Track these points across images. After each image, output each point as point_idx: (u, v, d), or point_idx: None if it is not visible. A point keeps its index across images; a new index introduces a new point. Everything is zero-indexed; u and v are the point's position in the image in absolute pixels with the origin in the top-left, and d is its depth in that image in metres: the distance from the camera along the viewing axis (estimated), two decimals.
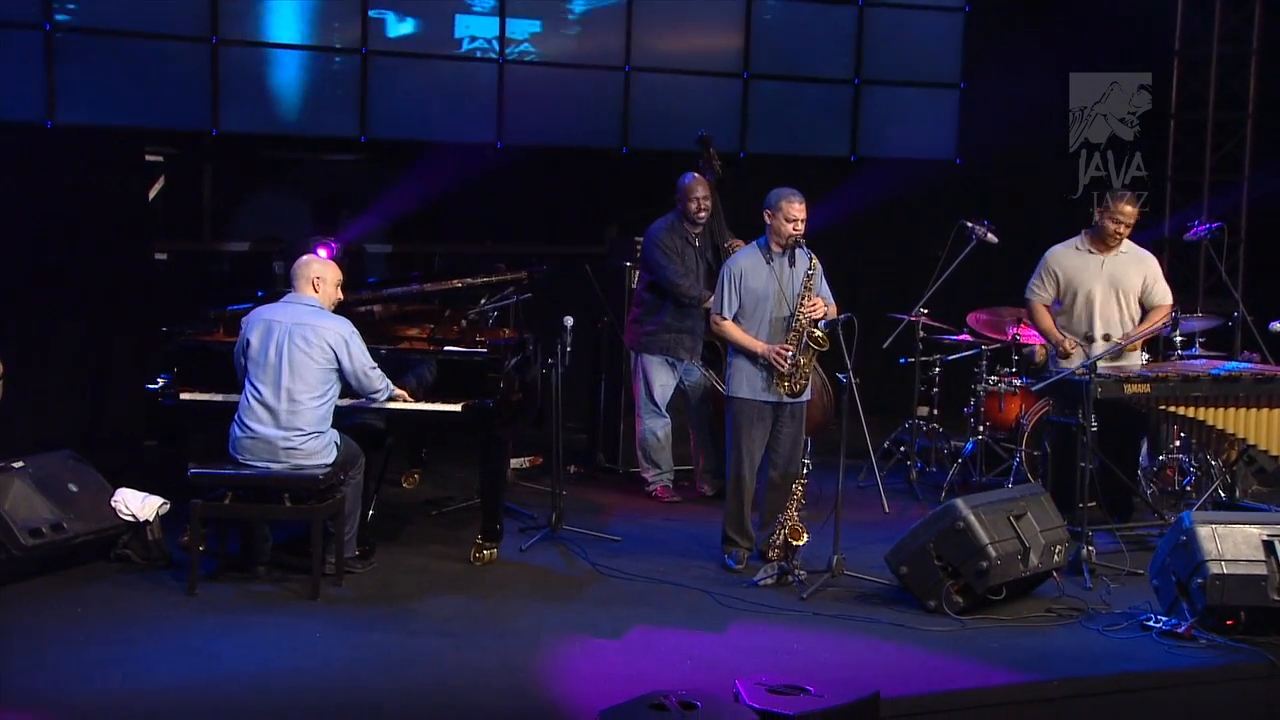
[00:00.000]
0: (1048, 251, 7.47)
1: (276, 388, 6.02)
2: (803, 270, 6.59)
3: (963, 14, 10.76)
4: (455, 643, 5.55)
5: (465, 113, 9.67)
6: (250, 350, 6.07)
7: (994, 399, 8.47)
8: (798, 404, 6.64)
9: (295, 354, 6.02)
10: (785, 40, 10.41)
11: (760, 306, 6.57)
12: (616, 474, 8.59)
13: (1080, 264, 7.34)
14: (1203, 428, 6.96)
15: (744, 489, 6.63)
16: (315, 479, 6.04)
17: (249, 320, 6.15)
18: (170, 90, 8.86)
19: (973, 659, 5.44)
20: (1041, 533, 6.12)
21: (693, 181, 7.90)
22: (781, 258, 6.60)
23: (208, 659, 5.30)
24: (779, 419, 6.61)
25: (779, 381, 6.49)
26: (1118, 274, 7.30)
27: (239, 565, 6.32)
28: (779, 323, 6.55)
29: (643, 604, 6.12)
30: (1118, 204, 7.29)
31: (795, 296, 6.56)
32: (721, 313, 6.63)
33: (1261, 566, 5.64)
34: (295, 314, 6.11)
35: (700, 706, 4.19)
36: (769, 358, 6.48)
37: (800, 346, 6.51)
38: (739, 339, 6.57)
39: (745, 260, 6.67)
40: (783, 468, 6.58)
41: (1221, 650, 5.53)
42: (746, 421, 6.59)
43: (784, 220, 6.54)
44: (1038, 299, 7.43)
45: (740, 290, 6.59)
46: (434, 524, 7.37)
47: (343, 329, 6.13)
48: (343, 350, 6.08)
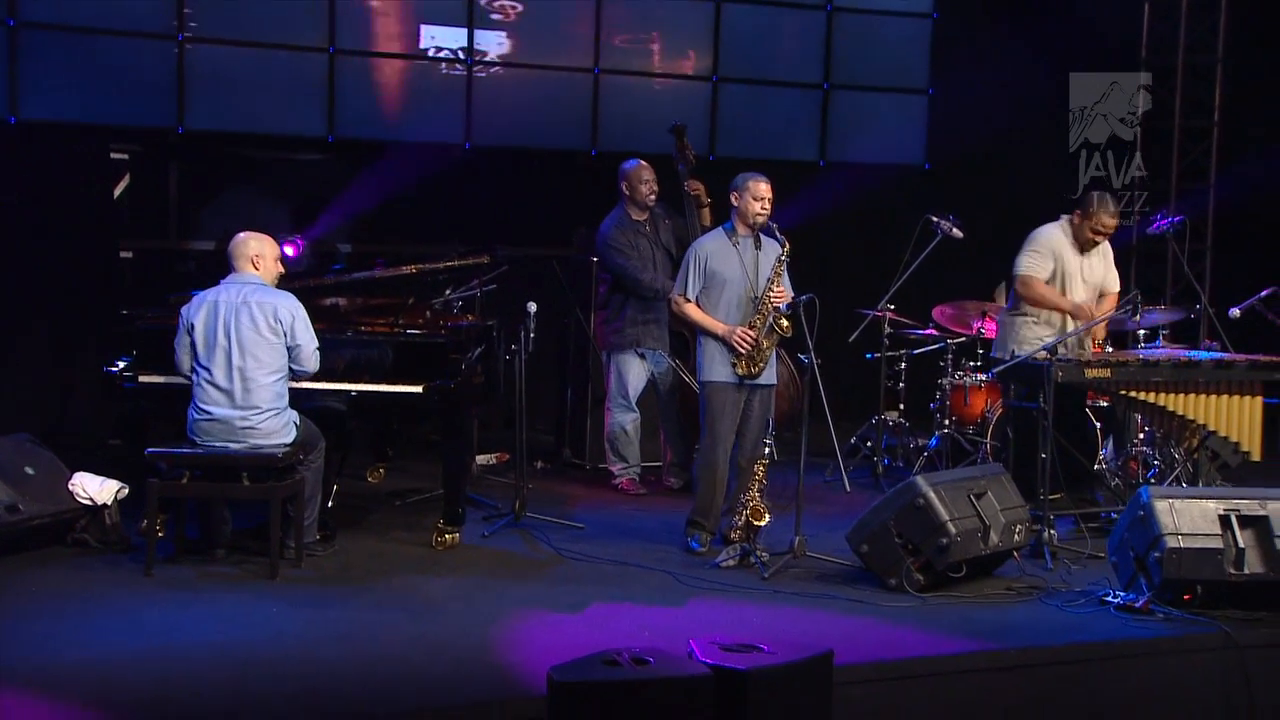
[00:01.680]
0: (1040, 232, 7.33)
1: (228, 368, 5.99)
2: (771, 254, 6.61)
3: (930, 20, 10.84)
4: (412, 616, 5.53)
5: (433, 113, 9.69)
6: (195, 334, 6.03)
7: (959, 393, 8.48)
8: (767, 386, 6.65)
9: (244, 332, 6.00)
10: (754, 44, 10.47)
11: (727, 289, 6.58)
12: (583, 469, 8.57)
13: (1071, 260, 7.30)
14: (1164, 413, 6.97)
15: (717, 474, 6.62)
16: (274, 457, 6.01)
17: (191, 306, 6.10)
18: (136, 88, 8.85)
19: (930, 630, 5.43)
20: (1002, 511, 6.13)
21: (638, 165, 7.93)
22: (748, 240, 6.62)
23: (161, 632, 5.26)
24: (749, 402, 6.62)
25: (737, 362, 6.49)
26: (1093, 269, 7.33)
27: (198, 548, 6.28)
28: (746, 305, 6.57)
29: (604, 583, 6.12)
30: (1101, 215, 7.21)
31: (762, 279, 6.57)
32: (684, 294, 6.64)
33: (1217, 540, 5.66)
34: (240, 293, 6.08)
35: (653, 662, 4.17)
36: (730, 340, 6.49)
37: (764, 331, 6.52)
38: (699, 320, 6.58)
39: (712, 243, 6.69)
40: (750, 451, 6.59)
41: (1178, 623, 5.54)
42: (720, 405, 6.59)
43: (751, 200, 6.57)
44: (1039, 274, 7.24)
45: (705, 273, 6.60)
46: (397, 512, 7.35)
47: (290, 303, 6.11)
48: (291, 325, 6.06)
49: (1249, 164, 10.78)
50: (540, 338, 7.31)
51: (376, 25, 9.43)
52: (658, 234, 8.01)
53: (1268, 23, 10.66)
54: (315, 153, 9.59)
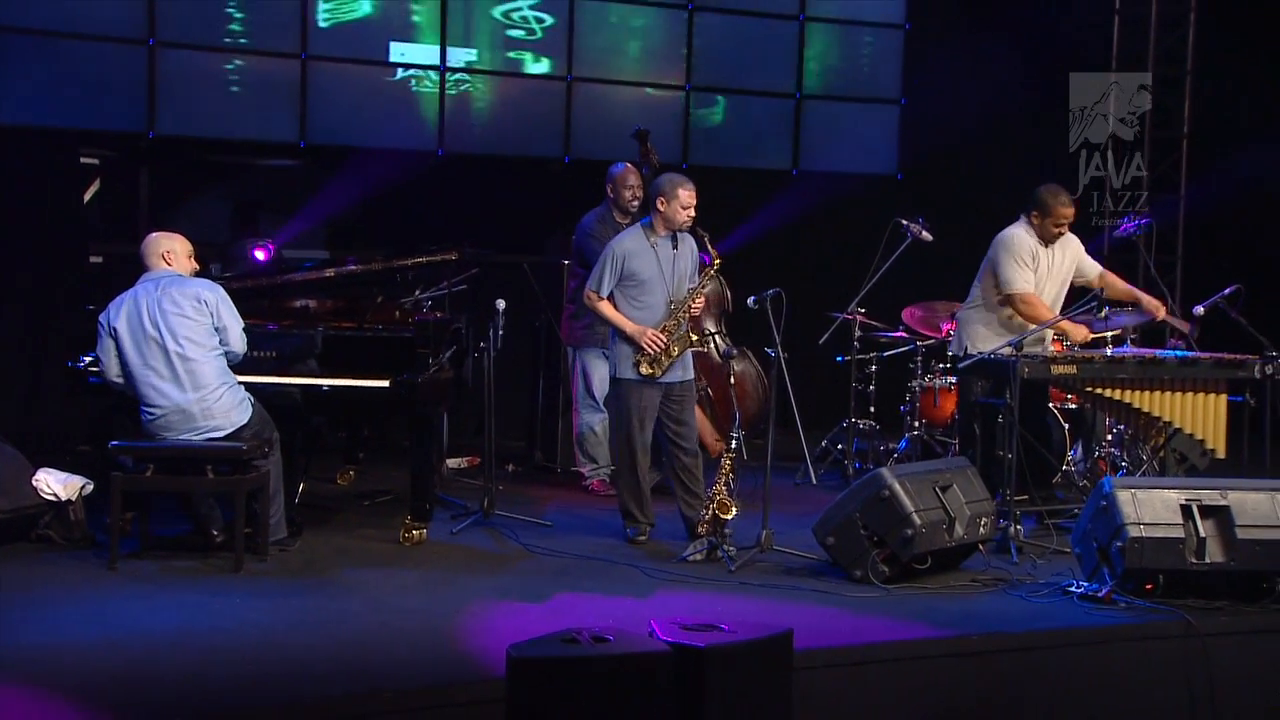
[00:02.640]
0: (1014, 239, 7.25)
1: (166, 356, 6.01)
2: (688, 255, 6.69)
3: (902, 31, 10.91)
4: (376, 606, 5.52)
5: (406, 120, 9.71)
6: (121, 337, 6.04)
7: (929, 395, 8.52)
8: (682, 382, 6.68)
9: (170, 319, 6.02)
10: (727, 53, 10.53)
11: (649, 289, 6.63)
12: (554, 472, 8.57)
13: (1041, 256, 7.30)
14: (1130, 411, 6.99)
15: (635, 466, 6.67)
16: (238, 449, 6.00)
17: (110, 310, 6.12)
18: (106, 92, 8.85)
19: (894, 619, 5.44)
20: (967, 504, 6.15)
21: (624, 170, 7.95)
22: (666, 240, 6.66)
23: (123, 621, 5.24)
24: (668, 398, 6.65)
25: (640, 360, 6.52)
26: (1058, 262, 7.35)
27: (167, 544, 6.28)
28: (665, 307, 6.61)
29: (569, 575, 6.11)
30: (1058, 209, 7.21)
31: (677, 280, 6.65)
32: (598, 290, 6.66)
33: (1179, 530, 5.68)
34: (158, 286, 6.11)
35: (612, 640, 4.16)
36: (640, 340, 6.52)
37: (675, 336, 6.56)
38: (611, 317, 6.63)
39: (630, 242, 6.71)
40: (689, 447, 6.65)
41: (1139, 611, 5.55)
42: (634, 401, 6.63)
43: (680, 208, 6.61)
44: (1033, 288, 7.18)
45: (621, 271, 6.63)
46: (366, 512, 7.33)
47: (210, 286, 6.17)
48: (215, 306, 6.10)
49: (1217, 175, 10.87)
50: (511, 341, 7.31)
51: (350, 32, 9.45)
52: None
53: (1235, 36, 10.75)
54: (287, 158, 9.60)
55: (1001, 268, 7.24)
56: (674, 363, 6.60)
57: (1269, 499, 5.75)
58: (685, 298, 6.63)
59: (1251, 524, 5.69)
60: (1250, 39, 10.67)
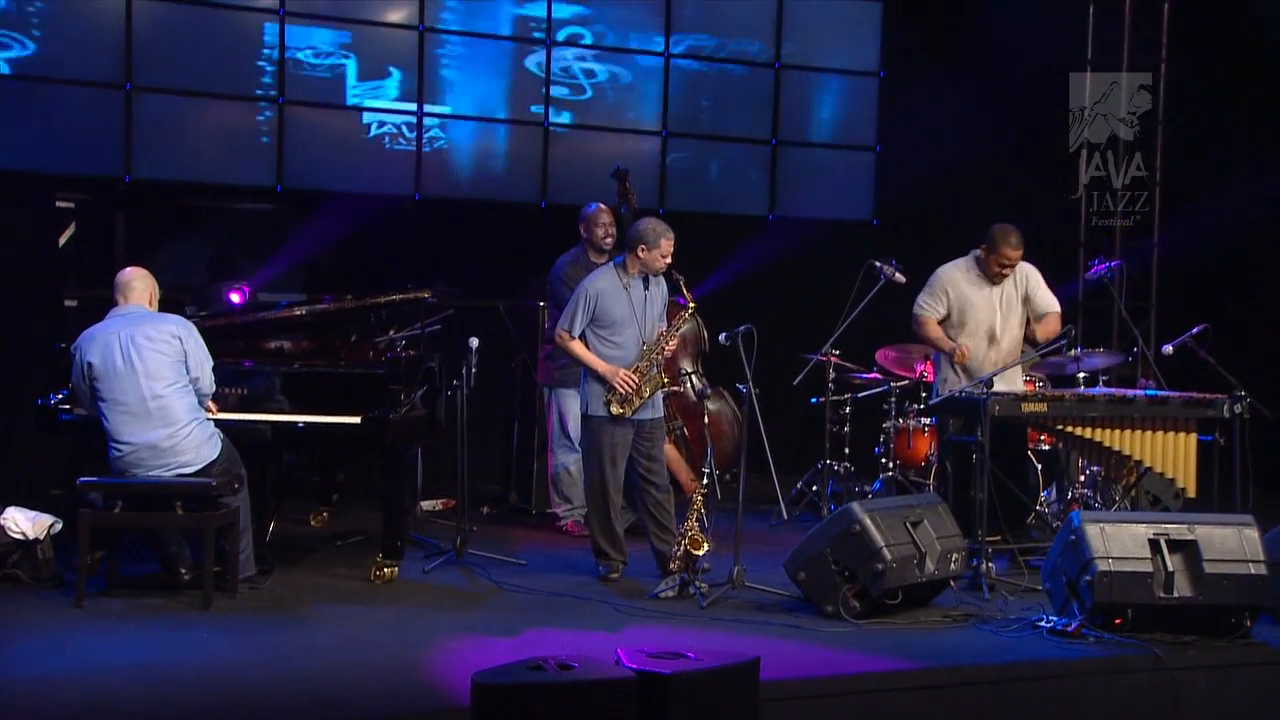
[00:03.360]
0: (939, 270, 7.46)
1: (139, 392, 6.01)
2: (659, 296, 6.76)
3: (877, 79, 11.01)
4: (345, 641, 5.51)
5: (383, 165, 9.76)
6: (95, 370, 6.05)
7: (903, 436, 8.54)
8: (653, 419, 6.71)
9: (144, 354, 6.04)
10: (704, 99, 10.62)
11: (621, 329, 6.67)
12: (529, 514, 8.55)
13: (973, 293, 7.36)
14: (1100, 449, 7.01)
15: (608, 504, 6.69)
16: (207, 485, 5.99)
17: (81, 344, 6.13)
18: (83, 136, 8.89)
19: (864, 652, 5.44)
20: (938, 539, 6.16)
21: (597, 210, 7.99)
22: (637, 282, 6.70)
23: (86, 654, 5.22)
24: (640, 436, 6.67)
25: (611, 399, 6.55)
26: (1008, 300, 7.40)
27: (137, 584, 6.24)
28: (637, 348, 6.66)
29: (540, 611, 6.11)
30: (1004, 249, 7.27)
31: (648, 321, 6.70)
32: (570, 330, 6.70)
33: (1147, 564, 5.70)
34: (129, 321, 6.14)
35: (577, 667, 4.16)
36: (612, 380, 6.55)
37: (647, 378, 6.59)
38: (583, 356, 6.67)
39: (603, 282, 6.75)
40: (660, 482, 6.68)
41: (1108, 645, 5.56)
42: (606, 439, 6.65)
43: (659, 257, 6.67)
44: (929, 314, 7.38)
45: (593, 312, 6.67)
46: (338, 552, 7.31)
47: (181, 322, 6.20)
48: (185, 340, 6.13)
49: (1188, 221, 10.95)
50: (486, 383, 7.30)
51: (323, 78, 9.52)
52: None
53: (1203, 85, 10.87)
54: (264, 203, 9.62)
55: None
56: (644, 402, 6.62)
57: (1236, 533, 5.78)
58: (657, 340, 6.66)
59: (1219, 558, 5.71)
60: (1218, 88, 10.79)
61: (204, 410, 6.21)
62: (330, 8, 9.44)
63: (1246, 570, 5.71)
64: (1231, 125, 10.77)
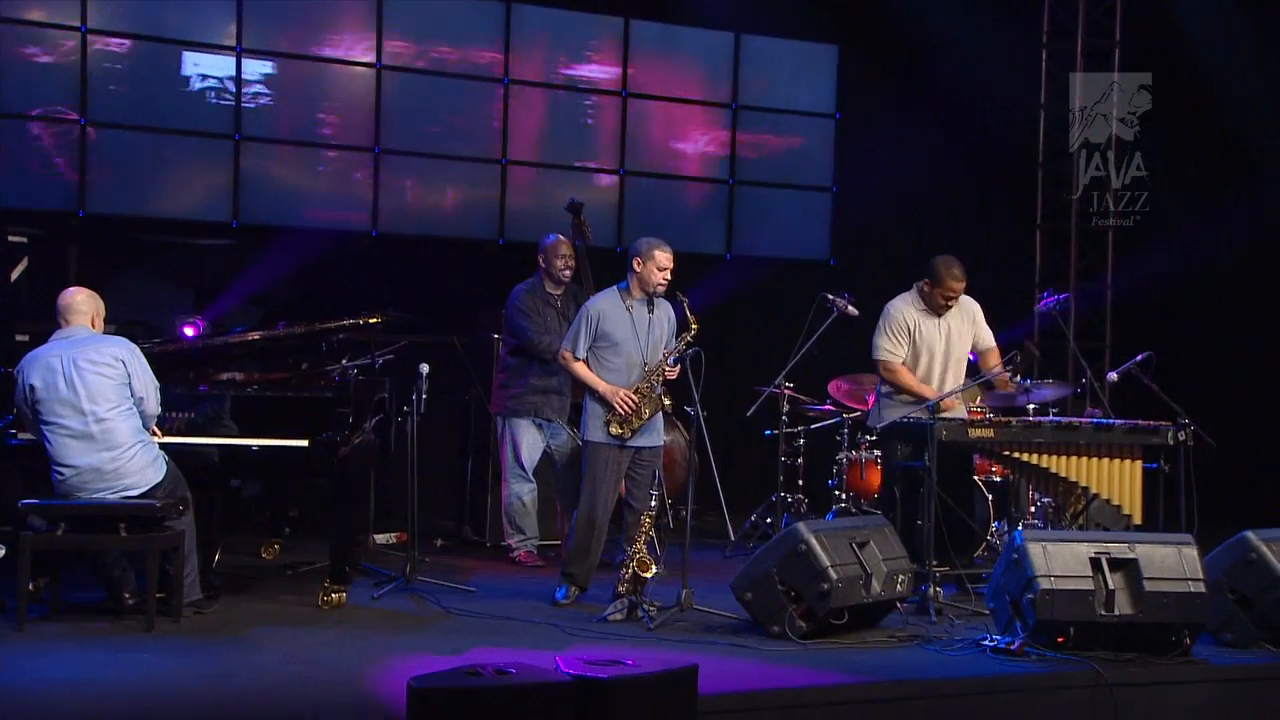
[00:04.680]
0: (889, 309, 7.45)
1: (81, 415, 5.99)
2: (663, 318, 6.74)
3: (833, 120, 11.14)
4: (285, 660, 5.48)
5: (340, 201, 9.80)
6: (38, 393, 6.02)
7: (856, 467, 8.58)
8: (651, 448, 6.71)
9: (87, 377, 6.02)
10: (660, 139, 10.72)
11: (618, 351, 6.69)
12: (483, 546, 8.53)
13: (927, 325, 7.42)
14: (1047, 475, 7.05)
15: (595, 530, 6.67)
16: (151, 507, 5.97)
17: (24, 367, 6.11)
18: (36, 171, 8.90)
19: (807, 669, 5.44)
20: (884, 561, 6.19)
21: (556, 241, 8.04)
22: (642, 303, 6.73)
23: (23, 672, 5.17)
24: (635, 463, 6.68)
25: (611, 420, 6.55)
26: (955, 331, 7.45)
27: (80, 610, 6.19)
28: (639, 369, 6.66)
29: (487, 633, 6.09)
30: (948, 281, 7.31)
31: (651, 344, 6.69)
32: (574, 351, 6.72)
33: (1089, 582, 5.74)
34: (72, 344, 6.12)
35: (515, 673, 4.15)
36: (613, 400, 6.57)
37: (647, 399, 6.62)
38: (585, 377, 6.68)
39: (605, 303, 6.78)
40: (638, 506, 6.67)
41: (1050, 662, 5.59)
42: (604, 466, 6.65)
43: (655, 269, 6.70)
44: (896, 358, 7.35)
45: (595, 333, 6.69)
46: (287, 580, 7.27)
47: (124, 344, 6.18)
48: (129, 363, 6.11)
49: (1140, 262, 11.08)
50: (440, 416, 7.29)
51: (282, 113, 9.57)
52: (567, 310, 8.07)
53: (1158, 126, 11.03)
54: (219, 238, 9.63)
55: (874, 335, 7.44)
56: (644, 426, 6.63)
57: (1175, 552, 5.84)
58: (660, 361, 6.67)
59: (1159, 576, 5.76)
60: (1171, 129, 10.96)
61: (148, 434, 6.19)
62: (286, 44, 9.52)
63: (1186, 588, 5.76)
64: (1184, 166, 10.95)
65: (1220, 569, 6.14)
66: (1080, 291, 11.21)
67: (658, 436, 6.77)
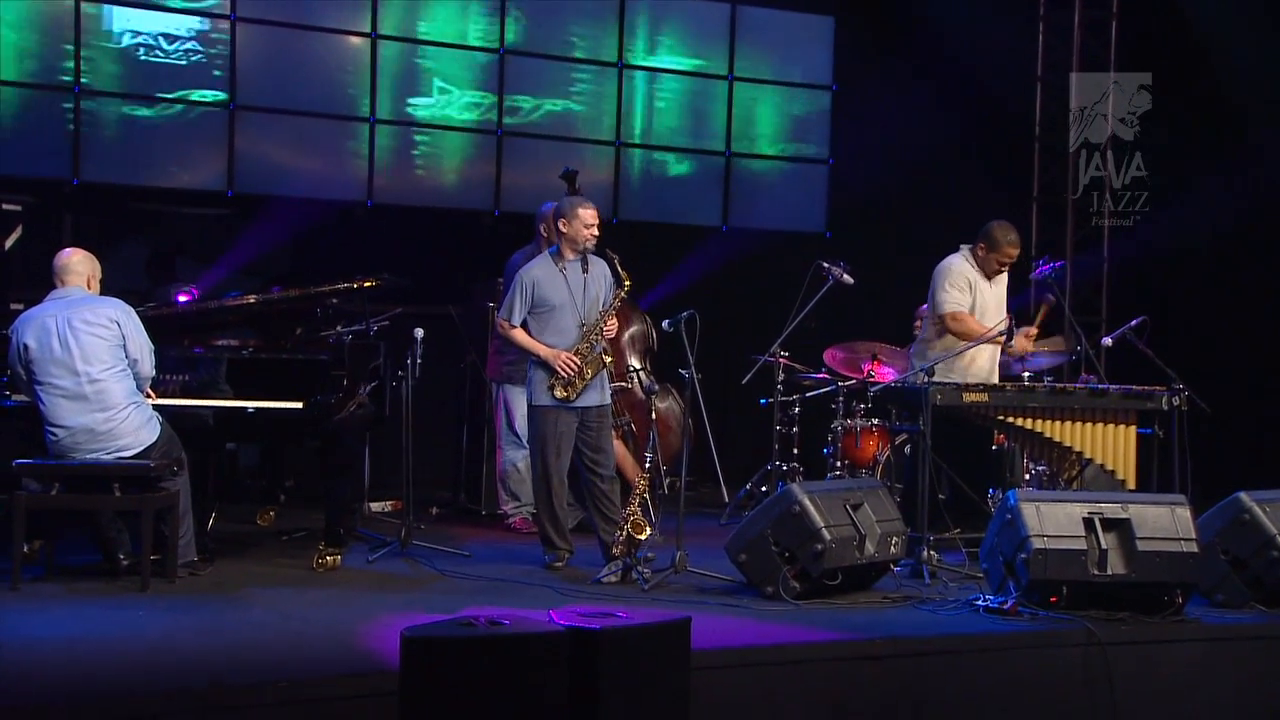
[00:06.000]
0: (951, 266, 7.40)
1: (75, 375, 5.99)
2: (600, 278, 6.77)
3: (830, 92, 11.12)
4: (281, 618, 5.50)
5: (336, 171, 9.77)
6: (32, 353, 6.03)
7: (851, 436, 8.58)
8: (599, 406, 6.73)
9: (81, 337, 6.02)
10: (657, 111, 10.70)
11: (555, 315, 6.70)
12: (479, 514, 8.54)
13: (982, 285, 7.40)
14: (1042, 440, 7.05)
15: (552, 494, 6.70)
16: (145, 467, 5.97)
17: (18, 326, 6.11)
18: (30, 139, 8.87)
19: (801, 627, 5.45)
20: (878, 523, 6.19)
21: (554, 208, 8.02)
22: (575, 264, 6.73)
23: (15, 627, 5.19)
24: (584, 425, 6.69)
25: (555, 384, 6.57)
26: (995, 299, 7.48)
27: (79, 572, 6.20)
28: (576, 331, 6.67)
29: (482, 595, 6.10)
30: (1005, 247, 7.34)
31: (589, 304, 6.72)
32: (510, 319, 6.73)
33: (1082, 542, 5.75)
34: (68, 304, 6.12)
35: (508, 623, 4.15)
36: (554, 363, 6.58)
37: (588, 359, 6.62)
38: (525, 343, 6.70)
39: (539, 270, 6.78)
40: (606, 474, 6.69)
41: (1043, 621, 5.61)
42: (550, 428, 6.67)
43: (582, 227, 6.70)
44: (964, 308, 7.29)
45: (531, 300, 6.70)
46: (283, 545, 7.29)
47: (120, 306, 6.18)
48: (124, 324, 6.11)
49: (1138, 236, 11.09)
50: (435, 385, 7.28)
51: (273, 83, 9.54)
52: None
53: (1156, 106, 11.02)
54: (214, 207, 9.62)
55: (936, 292, 7.40)
56: (588, 387, 6.65)
57: (1169, 512, 5.85)
58: (597, 320, 6.69)
59: (1151, 536, 5.77)
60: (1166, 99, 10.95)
61: (142, 395, 6.19)
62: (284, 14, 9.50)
63: (1179, 548, 5.77)
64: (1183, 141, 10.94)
65: (1213, 530, 6.15)
66: (1076, 264, 11.21)
67: (604, 395, 6.79)
